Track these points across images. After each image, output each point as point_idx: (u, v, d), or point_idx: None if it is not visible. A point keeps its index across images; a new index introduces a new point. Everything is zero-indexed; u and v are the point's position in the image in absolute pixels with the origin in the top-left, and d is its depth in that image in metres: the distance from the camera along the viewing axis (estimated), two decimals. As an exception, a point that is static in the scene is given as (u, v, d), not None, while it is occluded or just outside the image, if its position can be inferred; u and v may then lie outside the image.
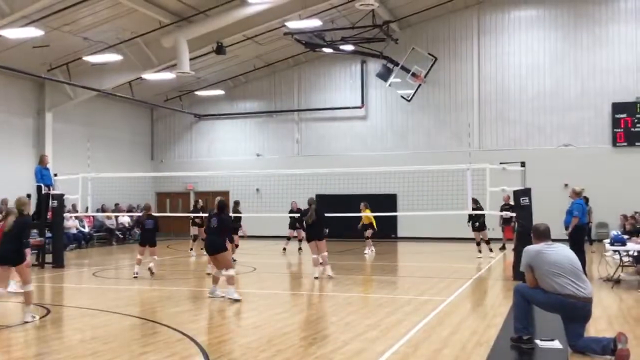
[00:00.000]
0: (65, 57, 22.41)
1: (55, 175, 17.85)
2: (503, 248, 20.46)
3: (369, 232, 19.75)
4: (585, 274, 11.51)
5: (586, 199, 22.14)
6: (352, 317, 9.11)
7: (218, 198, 11.55)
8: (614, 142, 24.47)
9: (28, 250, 9.31)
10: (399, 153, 26.91)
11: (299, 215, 14.03)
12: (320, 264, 13.39)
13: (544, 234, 7.11)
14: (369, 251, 19.70)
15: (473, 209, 16.80)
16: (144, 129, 31.15)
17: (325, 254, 13.46)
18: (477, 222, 18.26)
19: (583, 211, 13.29)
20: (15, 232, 8.70)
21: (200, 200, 21.63)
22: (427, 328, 8.21)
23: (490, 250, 18.39)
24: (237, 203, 17.08)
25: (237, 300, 10.32)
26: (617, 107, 24.44)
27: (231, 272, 10.68)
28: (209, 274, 12.89)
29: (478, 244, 18.42)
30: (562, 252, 6.96)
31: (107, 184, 22.44)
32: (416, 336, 7.73)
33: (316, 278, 13.18)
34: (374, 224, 19.83)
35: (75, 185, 17.85)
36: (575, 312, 6.76)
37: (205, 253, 12.09)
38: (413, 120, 27.29)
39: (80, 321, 9.17)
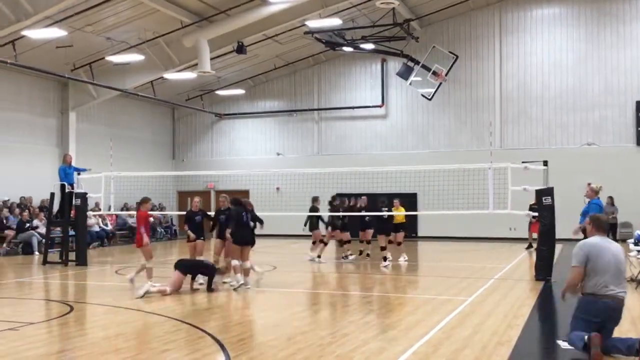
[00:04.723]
0: (88, 57, 22.66)
1: (79, 174, 18.06)
2: (530, 247, 20.11)
3: (400, 236, 16.87)
4: None
5: (611, 199, 21.99)
6: (371, 316, 9.09)
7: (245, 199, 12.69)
8: (638, 141, 24.13)
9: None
10: (420, 152, 26.80)
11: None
12: None
13: (604, 227, 6.95)
14: (403, 259, 16.84)
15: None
16: (166, 128, 31.38)
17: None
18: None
19: (601, 211, 13.06)
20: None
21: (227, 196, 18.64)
22: (448, 328, 8.16)
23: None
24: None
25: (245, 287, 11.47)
26: (642, 106, 24.11)
27: (248, 264, 11.90)
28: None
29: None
30: (616, 251, 6.81)
31: (129, 183, 22.61)
32: (436, 336, 7.70)
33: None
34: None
35: (98, 183, 18.05)
36: (613, 314, 6.63)
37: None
38: (434, 119, 27.16)
39: (103, 318, 9.27)
